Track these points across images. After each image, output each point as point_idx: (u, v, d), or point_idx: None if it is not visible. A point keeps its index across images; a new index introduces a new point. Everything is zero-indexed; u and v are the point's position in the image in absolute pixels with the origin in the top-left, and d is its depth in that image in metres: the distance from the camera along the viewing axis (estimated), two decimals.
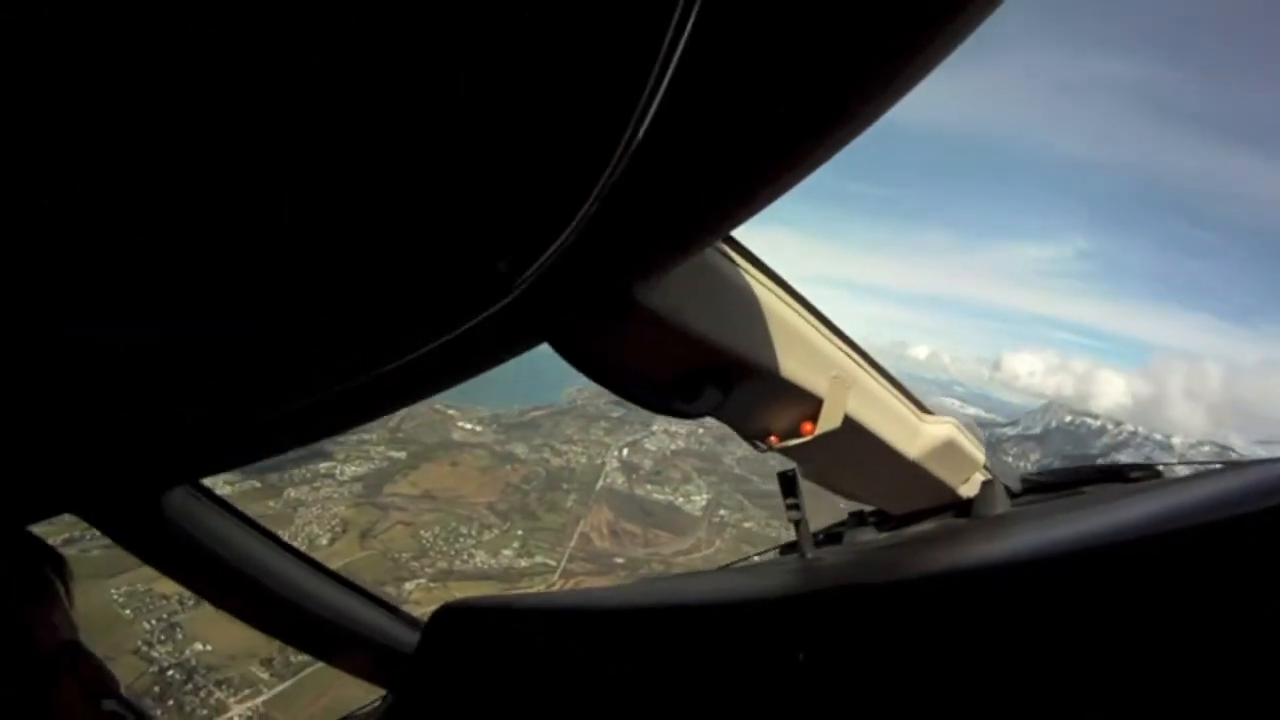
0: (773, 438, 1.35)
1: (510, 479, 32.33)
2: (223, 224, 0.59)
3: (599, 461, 34.18)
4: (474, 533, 28.60)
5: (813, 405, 1.27)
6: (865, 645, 1.18)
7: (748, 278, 1.13)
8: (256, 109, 0.47)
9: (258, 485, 25.67)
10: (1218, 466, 1.63)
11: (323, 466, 28.87)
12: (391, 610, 1.91)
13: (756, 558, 1.86)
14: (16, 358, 0.79)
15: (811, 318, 1.24)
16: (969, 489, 1.74)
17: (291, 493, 27.01)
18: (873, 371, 1.38)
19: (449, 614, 1.77)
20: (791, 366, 1.20)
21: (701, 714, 1.31)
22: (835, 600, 1.27)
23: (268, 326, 0.80)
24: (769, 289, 1.16)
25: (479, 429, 35.78)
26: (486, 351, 0.99)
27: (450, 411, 35.78)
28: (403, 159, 0.56)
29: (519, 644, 1.61)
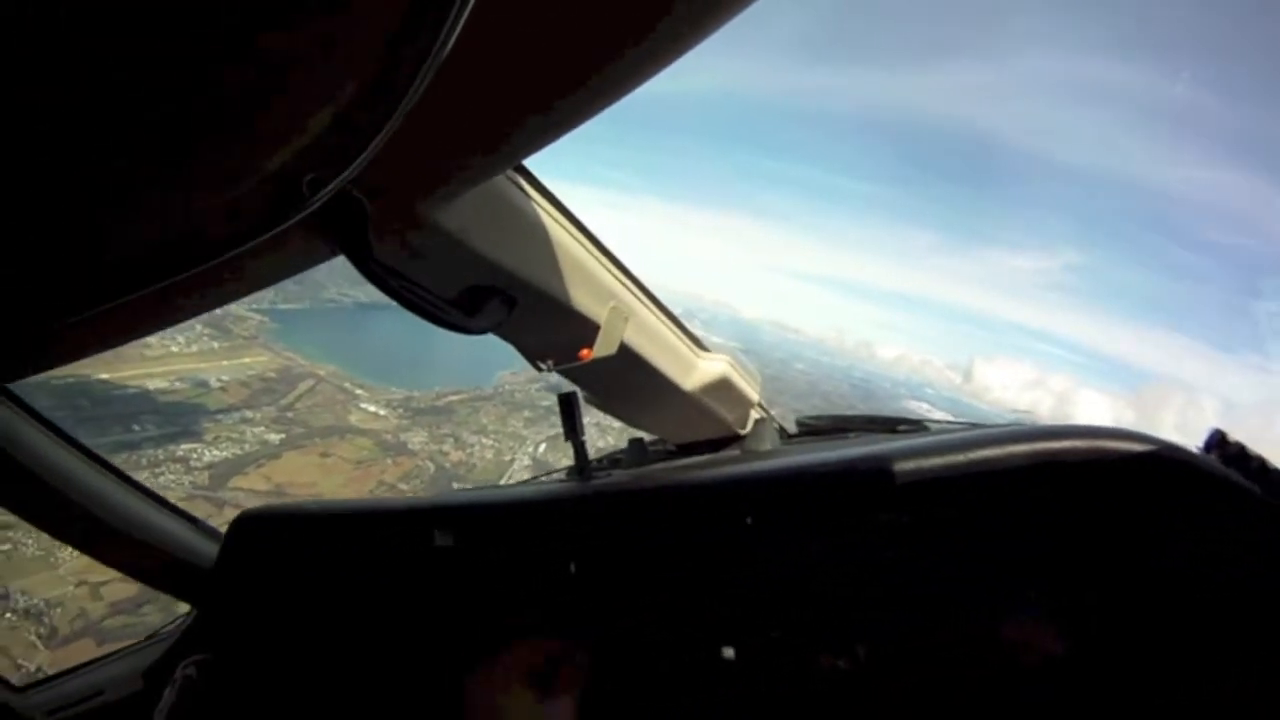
0: (551, 360, 1.44)
1: (386, 476, 26.89)
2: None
3: (507, 458, 29.03)
4: None
5: (591, 331, 1.37)
6: (631, 550, 1.39)
7: (537, 208, 1.21)
8: None
9: None
10: (963, 424, 1.74)
11: (183, 448, 25.63)
12: (192, 521, 1.85)
13: (544, 478, 1.93)
14: None
15: (596, 251, 1.34)
16: (745, 426, 1.89)
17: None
18: (652, 306, 1.51)
19: (248, 521, 1.74)
20: (571, 292, 1.29)
21: (489, 605, 1.48)
22: (602, 507, 1.44)
23: (64, 224, 0.77)
24: (556, 220, 1.24)
25: (382, 412, 30.11)
26: (288, 259, 1.06)
27: (358, 391, 30.42)
28: (216, 73, 0.58)
29: (322, 547, 1.64)
